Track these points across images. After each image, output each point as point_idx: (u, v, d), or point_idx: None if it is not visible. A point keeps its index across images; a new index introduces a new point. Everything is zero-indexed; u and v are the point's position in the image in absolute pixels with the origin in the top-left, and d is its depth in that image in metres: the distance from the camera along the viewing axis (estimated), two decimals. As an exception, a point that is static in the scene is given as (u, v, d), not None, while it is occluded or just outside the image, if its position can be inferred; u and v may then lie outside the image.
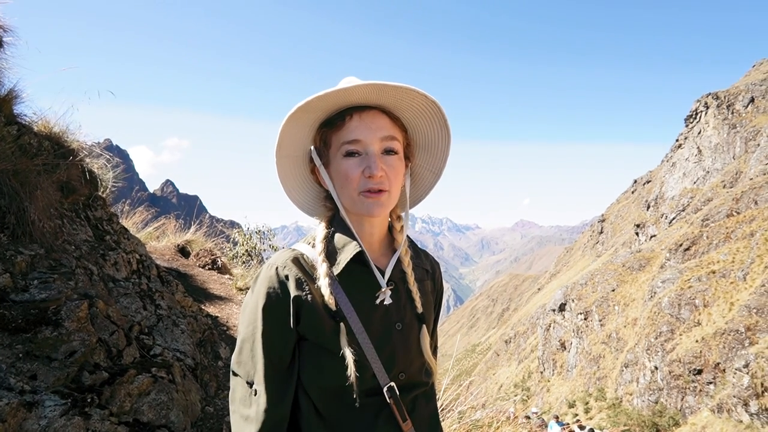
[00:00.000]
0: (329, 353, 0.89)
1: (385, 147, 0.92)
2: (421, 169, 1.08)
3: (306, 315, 0.90)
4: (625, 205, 76.63)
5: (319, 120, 0.96)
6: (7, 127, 2.63)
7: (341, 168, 0.92)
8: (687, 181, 52.22)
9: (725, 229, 32.38)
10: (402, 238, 1.02)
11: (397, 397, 0.91)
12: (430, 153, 1.04)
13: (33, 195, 2.27)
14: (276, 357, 0.91)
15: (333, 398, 0.91)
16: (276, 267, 0.93)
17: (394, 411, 0.91)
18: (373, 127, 0.91)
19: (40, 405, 1.60)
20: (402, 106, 0.94)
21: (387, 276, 0.96)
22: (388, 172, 0.91)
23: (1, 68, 2.88)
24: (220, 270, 5.63)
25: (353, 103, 0.92)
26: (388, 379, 0.91)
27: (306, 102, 0.88)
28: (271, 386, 0.91)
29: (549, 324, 47.17)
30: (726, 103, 50.81)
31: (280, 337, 0.91)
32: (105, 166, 3.92)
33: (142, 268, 3.24)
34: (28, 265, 2.06)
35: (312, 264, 0.94)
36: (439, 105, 0.94)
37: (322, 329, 0.90)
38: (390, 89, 0.88)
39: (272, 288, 0.91)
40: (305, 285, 0.91)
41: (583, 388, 36.45)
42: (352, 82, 0.90)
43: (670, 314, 29.28)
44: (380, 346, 0.91)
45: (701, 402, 24.65)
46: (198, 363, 2.86)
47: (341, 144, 0.92)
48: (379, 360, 0.90)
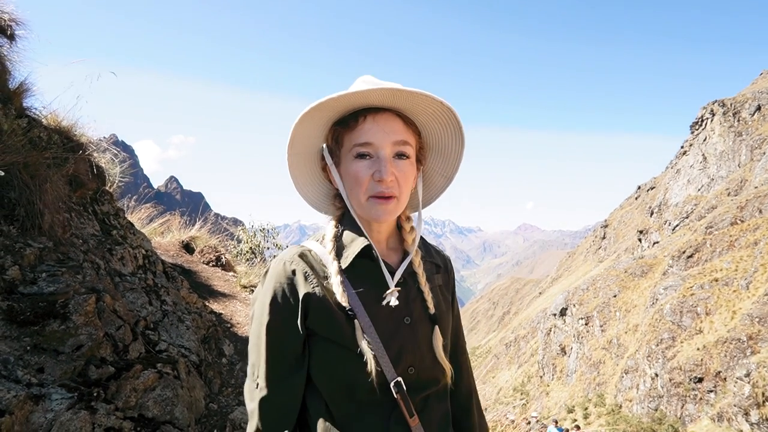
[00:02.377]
0: (339, 347, 0.89)
1: (397, 151, 0.92)
2: (432, 173, 1.07)
3: (315, 310, 0.90)
4: (629, 211, 76.39)
5: (332, 119, 0.96)
6: (17, 120, 2.63)
7: (351, 169, 0.92)
8: (691, 188, 52.01)
9: (729, 237, 32.21)
10: (412, 238, 1.01)
11: (404, 392, 0.90)
12: (442, 157, 1.04)
13: (42, 188, 2.28)
14: (281, 351, 0.91)
15: (343, 395, 0.90)
16: (284, 262, 0.94)
17: (401, 406, 0.89)
18: (386, 130, 0.91)
19: (46, 398, 1.60)
20: (417, 109, 0.94)
21: (396, 278, 0.95)
22: (399, 177, 0.91)
23: (13, 61, 2.89)
24: (224, 267, 5.64)
25: (367, 105, 0.92)
26: (395, 373, 0.90)
27: (320, 102, 0.88)
28: (273, 380, 0.91)
29: (550, 328, 47.04)
30: (732, 111, 50.59)
31: (286, 331, 0.91)
32: (112, 160, 3.93)
33: (147, 264, 3.24)
34: (36, 258, 2.06)
35: (320, 259, 0.95)
36: (455, 112, 0.94)
37: (332, 324, 0.90)
38: (406, 94, 0.88)
39: (279, 283, 0.92)
40: (313, 279, 0.92)
41: (582, 393, 36.32)
42: (368, 82, 0.90)
43: (671, 321, 29.14)
44: (388, 341, 0.91)
45: (701, 410, 24.52)
46: (202, 359, 2.86)
47: (353, 145, 0.92)
48: (386, 355, 0.90)
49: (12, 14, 2.80)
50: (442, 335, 1.00)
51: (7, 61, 2.82)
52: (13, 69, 2.87)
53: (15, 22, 2.80)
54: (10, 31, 2.78)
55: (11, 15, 2.79)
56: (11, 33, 2.80)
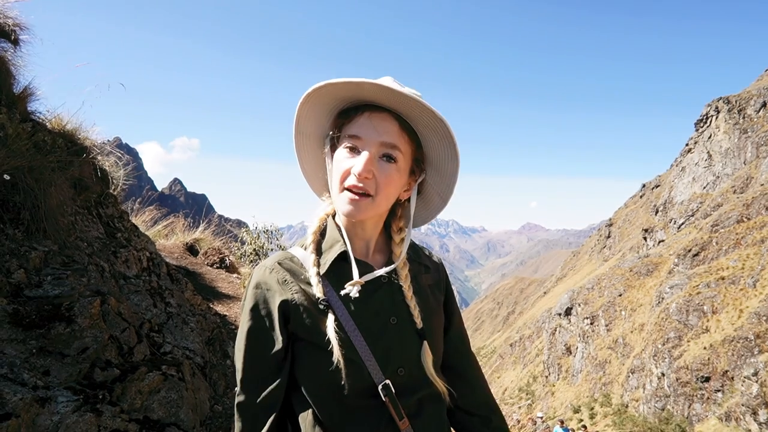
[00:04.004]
0: (321, 350, 0.88)
1: (384, 152, 0.90)
2: (430, 190, 1.05)
3: (295, 313, 0.90)
4: (633, 210, 75.98)
5: (338, 107, 0.97)
6: (22, 125, 2.65)
7: (338, 157, 0.93)
8: (696, 186, 51.67)
9: (735, 235, 31.98)
10: (399, 251, 0.98)
11: (393, 395, 0.88)
12: (438, 173, 1.01)
13: (47, 192, 2.29)
14: (259, 357, 0.91)
15: (330, 400, 0.89)
16: (265, 268, 0.95)
17: (390, 409, 0.88)
18: (378, 129, 0.90)
19: (52, 401, 1.61)
20: (415, 116, 0.92)
21: (370, 277, 0.91)
22: (379, 178, 0.89)
23: (17, 66, 2.90)
24: (228, 269, 5.65)
25: (368, 100, 0.92)
26: (383, 376, 0.88)
27: (319, 85, 0.89)
28: (250, 386, 0.91)
29: (555, 328, 46.85)
30: (737, 108, 50.24)
31: (265, 337, 0.91)
32: (116, 163, 3.95)
33: (152, 266, 3.25)
34: (41, 261, 2.07)
35: (301, 264, 0.95)
36: (447, 124, 0.90)
37: (312, 326, 0.89)
38: (396, 95, 0.86)
39: (260, 289, 0.93)
40: (293, 285, 0.92)
41: (588, 393, 36.14)
42: (386, 82, 0.89)
43: (677, 320, 28.95)
44: (374, 342, 0.89)
45: (709, 410, 24.34)
46: (207, 361, 2.86)
47: (346, 136, 0.93)
48: (372, 356, 0.88)
49: (16, 19, 2.82)
50: (431, 334, 0.97)
51: (12, 65, 2.84)
52: (17, 73, 2.88)
53: (19, 27, 2.82)
54: (14, 36, 2.80)
55: (15, 19, 2.81)
56: (15, 37, 2.82)
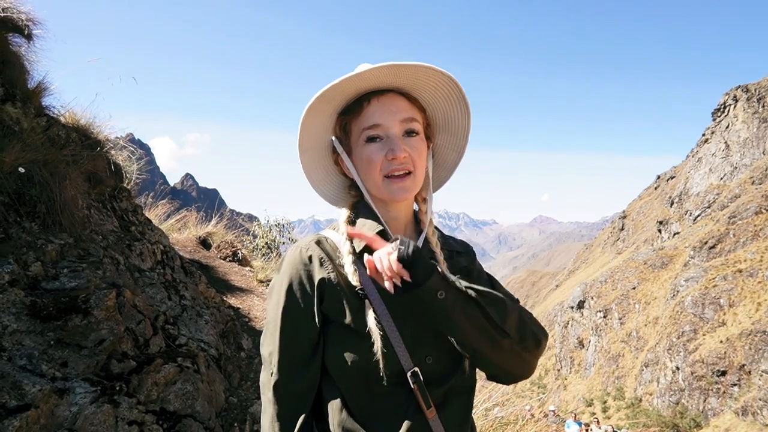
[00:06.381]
0: (353, 332, 0.87)
1: (406, 128, 0.92)
2: (442, 149, 1.07)
3: (329, 294, 0.90)
4: (648, 202, 74.75)
5: (337, 109, 0.96)
6: (36, 119, 2.67)
7: (364, 154, 0.92)
8: (713, 177, 50.59)
9: (753, 227, 31.30)
10: (427, 218, 1.00)
11: (422, 382, 0.87)
12: (450, 132, 1.04)
13: (62, 185, 2.30)
14: (297, 337, 0.90)
15: (358, 385, 0.88)
16: (300, 249, 0.94)
17: (418, 396, 0.86)
18: (392, 109, 0.92)
19: (71, 392, 1.62)
20: (418, 86, 0.94)
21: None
22: (412, 153, 0.91)
23: (31, 61, 2.92)
24: (241, 262, 5.69)
25: (370, 88, 0.92)
26: (412, 363, 0.87)
27: (323, 91, 0.88)
28: (289, 366, 0.90)
29: (567, 321, 46.57)
30: (756, 97, 48.96)
31: (303, 317, 0.90)
32: (129, 158, 3.98)
33: (166, 259, 3.27)
34: (58, 254, 2.09)
35: (335, 245, 0.95)
36: (456, 81, 0.93)
37: (346, 308, 0.89)
38: (405, 69, 0.88)
39: (296, 269, 0.92)
40: (328, 264, 0.91)
41: (601, 386, 35.92)
42: (366, 67, 0.89)
43: (693, 314, 28.54)
44: (403, 327, 0.88)
45: (725, 404, 24.01)
46: (222, 353, 2.88)
47: (362, 130, 0.92)
48: (402, 342, 0.87)
49: (29, 14, 2.83)
50: None
51: (26, 60, 2.85)
52: (31, 68, 2.90)
53: (32, 22, 2.83)
54: (27, 31, 2.81)
55: (28, 14, 2.82)
56: (29, 33, 2.83)
